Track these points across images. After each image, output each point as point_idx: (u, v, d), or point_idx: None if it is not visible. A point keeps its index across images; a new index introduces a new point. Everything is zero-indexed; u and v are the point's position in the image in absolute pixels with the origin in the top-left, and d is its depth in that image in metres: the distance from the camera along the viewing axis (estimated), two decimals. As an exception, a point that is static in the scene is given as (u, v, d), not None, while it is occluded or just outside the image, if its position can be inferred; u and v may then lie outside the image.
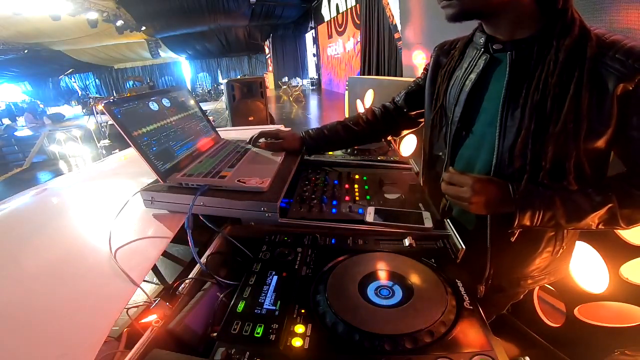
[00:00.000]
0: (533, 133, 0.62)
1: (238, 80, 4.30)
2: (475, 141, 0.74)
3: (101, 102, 0.73)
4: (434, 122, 0.84)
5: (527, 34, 0.64)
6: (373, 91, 3.52)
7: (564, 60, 0.59)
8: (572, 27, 0.60)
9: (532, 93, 0.62)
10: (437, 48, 0.87)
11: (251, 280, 0.54)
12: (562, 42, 0.60)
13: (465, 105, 0.74)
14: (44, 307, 0.51)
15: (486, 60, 0.70)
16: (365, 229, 0.69)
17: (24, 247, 0.68)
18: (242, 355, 0.41)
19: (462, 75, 0.76)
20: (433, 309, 0.46)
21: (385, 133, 1.07)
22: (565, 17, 0.61)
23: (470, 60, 0.74)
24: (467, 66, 0.75)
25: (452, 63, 0.80)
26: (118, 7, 9.08)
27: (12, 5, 7.21)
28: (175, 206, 0.75)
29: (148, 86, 13.07)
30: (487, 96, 0.71)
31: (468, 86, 0.73)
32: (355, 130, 1.01)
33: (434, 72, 0.85)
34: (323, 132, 1.02)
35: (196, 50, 14.40)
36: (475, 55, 0.73)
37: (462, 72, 0.76)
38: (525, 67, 0.64)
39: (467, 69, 0.74)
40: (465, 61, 0.76)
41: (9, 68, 12.35)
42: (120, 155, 1.39)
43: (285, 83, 12.27)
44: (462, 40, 0.79)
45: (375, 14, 6.67)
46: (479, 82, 0.71)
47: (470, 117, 0.75)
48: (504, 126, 0.67)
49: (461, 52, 0.78)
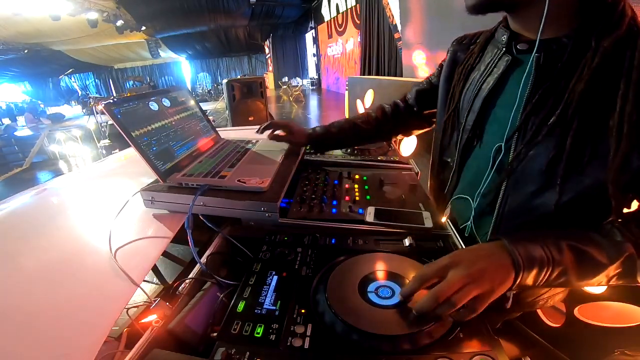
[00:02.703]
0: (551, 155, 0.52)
1: (238, 80, 4.30)
2: (486, 153, 0.65)
3: (101, 102, 0.73)
4: (446, 125, 0.76)
5: (560, 33, 0.53)
6: (373, 91, 3.52)
7: (599, 63, 0.48)
8: (620, 24, 0.48)
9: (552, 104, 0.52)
10: (455, 43, 0.78)
11: (251, 280, 0.54)
12: (602, 42, 0.48)
13: (480, 112, 0.65)
14: (44, 307, 0.51)
15: (508, 62, 0.60)
16: (365, 229, 0.69)
17: (24, 247, 0.68)
18: (242, 355, 0.41)
19: (479, 77, 0.66)
20: (433, 309, 0.46)
21: (395, 132, 1.01)
22: (613, 13, 0.49)
23: (489, 61, 0.65)
24: (485, 67, 0.66)
25: (470, 60, 0.70)
26: (118, 7, 9.09)
27: (12, 5, 7.21)
28: (175, 206, 0.75)
29: (149, 86, 13.07)
30: (501, 103, 0.62)
31: (484, 91, 0.64)
32: (365, 129, 0.96)
33: (450, 69, 0.76)
34: (330, 130, 0.98)
35: (196, 50, 14.41)
36: (495, 54, 0.64)
37: (479, 73, 0.67)
38: (552, 74, 0.53)
39: (485, 71, 0.65)
40: (484, 61, 0.67)
41: (9, 68, 12.35)
42: (120, 155, 1.39)
43: (285, 83, 12.27)
44: (484, 35, 0.70)
45: (375, 14, 6.67)
46: (496, 86, 0.62)
47: (483, 125, 0.66)
48: (518, 143, 0.58)
49: (482, 48, 0.69)
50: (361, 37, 7.65)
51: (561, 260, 0.46)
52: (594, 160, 0.50)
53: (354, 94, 3.93)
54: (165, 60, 16.22)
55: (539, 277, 0.45)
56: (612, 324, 1.00)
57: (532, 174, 0.57)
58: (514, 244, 0.46)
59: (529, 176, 0.57)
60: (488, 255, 0.46)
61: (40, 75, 14.10)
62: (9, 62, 11.58)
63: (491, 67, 0.64)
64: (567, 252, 0.46)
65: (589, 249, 0.47)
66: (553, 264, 0.45)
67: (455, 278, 0.43)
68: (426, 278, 0.45)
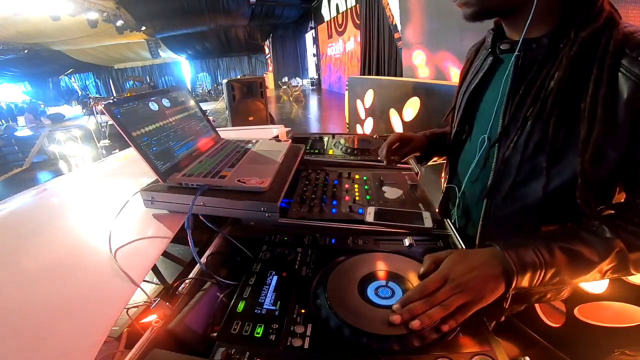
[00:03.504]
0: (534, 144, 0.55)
1: (238, 80, 4.30)
2: (474, 147, 0.71)
3: (101, 102, 0.72)
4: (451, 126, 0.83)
5: (542, 32, 0.57)
6: (373, 91, 3.52)
7: (577, 52, 0.50)
8: (597, 17, 0.51)
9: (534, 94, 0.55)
10: (469, 50, 0.82)
11: (251, 280, 0.54)
12: (580, 33, 0.51)
13: (465, 109, 0.71)
14: (44, 307, 0.51)
15: (490, 61, 0.66)
16: (365, 229, 0.69)
17: (24, 247, 0.68)
18: (242, 355, 0.41)
19: (469, 78, 0.73)
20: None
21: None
22: (592, 7, 0.51)
23: (477, 63, 0.72)
24: (473, 69, 0.72)
25: (466, 65, 0.77)
26: (118, 7, 9.09)
27: (12, 5, 7.21)
28: (175, 206, 0.75)
29: (149, 86, 13.07)
30: (487, 99, 0.68)
31: (470, 90, 0.71)
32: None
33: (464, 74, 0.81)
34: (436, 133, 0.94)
35: (196, 50, 14.41)
36: (483, 56, 0.70)
37: (470, 75, 0.73)
38: (532, 66, 0.57)
39: (473, 72, 0.72)
40: (475, 64, 0.73)
41: (9, 68, 12.36)
42: (120, 155, 1.39)
43: (285, 83, 12.28)
44: (481, 40, 0.76)
45: (375, 14, 6.67)
46: (480, 84, 0.68)
47: (471, 120, 0.72)
48: (502, 134, 0.62)
49: (476, 52, 0.75)
50: (361, 37, 7.65)
51: (553, 262, 0.48)
52: (575, 146, 0.52)
53: (354, 94, 3.93)
54: (165, 60, 16.22)
55: (534, 280, 0.47)
56: (612, 324, 1.00)
57: (517, 163, 0.59)
58: (506, 249, 0.48)
59: (515, 166, 0.60)
60: (481, 264, 0.47)
61: (40, 76, 14.10)
62: (9, 62, 11.58)
63: (477, 68, 0.70)
64: (558, 254, 0.48)
65: (579, 248, 0.49)
66: (546, 267, 0.47)
67: (449, 286, 0.45)
68: (428, 292, 0.46)
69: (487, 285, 0.45)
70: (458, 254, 0.50)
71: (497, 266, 0.47)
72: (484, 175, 0.68)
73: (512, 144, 0.60)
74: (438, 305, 0.43)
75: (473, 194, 0.74)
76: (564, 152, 0.54)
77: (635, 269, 0.50)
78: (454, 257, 0.49)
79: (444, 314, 0.43)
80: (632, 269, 0.50)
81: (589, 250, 0.49)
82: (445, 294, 0.44)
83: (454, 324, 0.43)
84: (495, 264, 0.47)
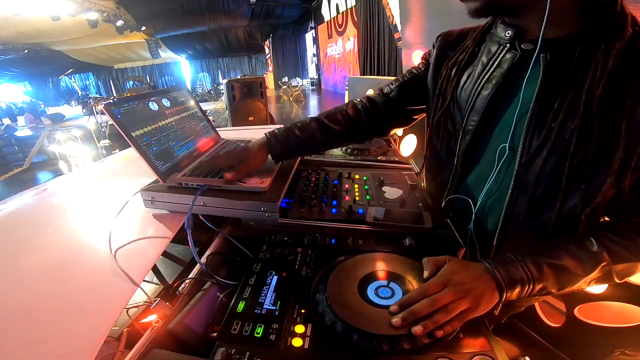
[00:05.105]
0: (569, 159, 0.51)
1: (238, 80, 4.29)
2: (490, 154, 0.63)
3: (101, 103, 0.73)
4: (438, 125, 0.73)
5: (562, 33, 0.52)
6: (373, 91, 3.52)
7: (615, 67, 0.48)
8: (624, 26, 0.49)
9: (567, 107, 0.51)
10: (441, 38, 0.74)
11: (251, 280, 0.54)
12: (611, 44, 0.48)
13: (484, 113, 0.62)
14: (44, 307, 0.51)
15: (514, 58, 0.58)
16: (365, 229, 0.69)
17: (24, 247, 0.68)
18: (242, 355, 0.41)
19: (478, 74, 0.63)
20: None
21: (369, 132, 0.89)
22: (613, 14, 0.49)
23: (490, 57, 0.62)
24: (486, 64, 0.62)
25: (464, 57, 0.67)
26: (118, 7, 9.08)
27: (12, 5, 7.21)
28: (175, 206, 0.75)
29: (149, 86, 13.07)
30: (506, 103, 0.60)
31: (488, 89, 0.61)
32: (334, 130, 0.82)
33: (437, 65, 0.73)
34: (294, 133, 0.81)
35: (196, 50, 14.41)
36: (497, 51, 0.61)
37: (478, 70, 0.63)
38: (562, 74, 0.52)
39: (486, 68, 0.62)
40: (483, 57, 0.63)
41: (9, 68, 12.35)
42: (120, 155, 1.39)
43: (285, 83, 12.27)
44: (478, 31, 0.67)
45: (375, 14, 6.67)
46: (500, 85, 0.59)
47: (486, 125, 0.63)
48: (526, 144, 0.56)
49: (477, 44, 0.66)
50: (361, 37, 7.65)
51: (541, 277, 0.50)
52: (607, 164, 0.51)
53: (354, 94, 3.93)
54: (165, 60, 16.21)
55: (522, 293, 0.50)
56: (612, 324, 1.00)
57: (541, 177, 0.56)
58: (496, 267, 0.50)
59: (538, 179, 0.56)
60: (477, 276, 0.49)
61: (40, 76, 14.10)
62: (9, 62, 11.58)
63: (492, 64, 0.61)
64: (546, 270, 0.50)
65: (566, 263, 0.51)
66: (534, 282, 0.50)
67: (451, 291, 0.46)
68: (428, 294, 0.46)
69: (484, 294, 0.47)
70: (458, 262, 0.51)
71: (490, 280, 0.49)
72: (501, 186, 0.62)
73: (539, 155, 0.55)
74: (441, 309, 0.44)
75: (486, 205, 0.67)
76: (596, 169, 0.51)
77: (620, 278, 0.53)
78: (455, 264, 0.51)
79: (447, 318, 0.43)
80: (616, 279, 0.52)
81: (576, 264, 0.51)
82: (449, 298, 0.45)
83: (449, 329, 0.43)
84: (488, 278, 0.49)
